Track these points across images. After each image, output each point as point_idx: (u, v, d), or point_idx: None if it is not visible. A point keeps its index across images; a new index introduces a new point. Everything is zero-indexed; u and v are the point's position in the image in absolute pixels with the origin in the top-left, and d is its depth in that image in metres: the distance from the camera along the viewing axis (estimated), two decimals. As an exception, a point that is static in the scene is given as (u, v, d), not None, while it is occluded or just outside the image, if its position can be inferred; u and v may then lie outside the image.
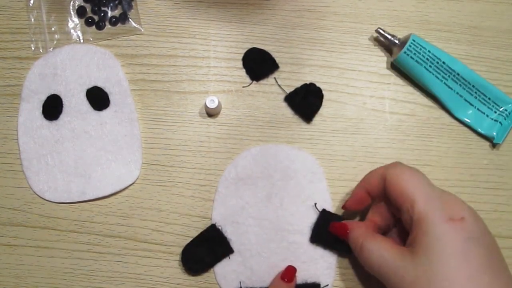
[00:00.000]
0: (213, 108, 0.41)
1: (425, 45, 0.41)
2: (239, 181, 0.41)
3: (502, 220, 0.41)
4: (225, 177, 0.41)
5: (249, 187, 0.41)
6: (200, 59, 0.44)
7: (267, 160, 0.41)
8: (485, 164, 0.42)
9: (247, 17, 0.45)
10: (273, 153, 0.41)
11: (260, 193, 0.40)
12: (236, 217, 0.40)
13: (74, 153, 0.41)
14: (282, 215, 0.40)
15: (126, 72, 0.43)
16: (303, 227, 0.40)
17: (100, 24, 0.44)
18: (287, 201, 0.40)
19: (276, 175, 0.41)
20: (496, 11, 0.45)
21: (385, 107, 0.43)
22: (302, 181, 0.41)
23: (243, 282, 0.39)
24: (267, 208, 0.40)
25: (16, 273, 0.40)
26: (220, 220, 0.40)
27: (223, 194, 0.41)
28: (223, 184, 0.41)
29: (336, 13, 0.45)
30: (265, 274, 0.39)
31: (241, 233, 0.40)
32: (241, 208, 0.40)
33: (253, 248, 0.39)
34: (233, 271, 0.39)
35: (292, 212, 0.40)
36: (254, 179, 0.41)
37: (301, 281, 0.39)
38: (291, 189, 0.40)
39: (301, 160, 0.41)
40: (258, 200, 0.40)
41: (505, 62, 0.44)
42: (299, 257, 0.39)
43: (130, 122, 0.42)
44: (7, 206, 0.41)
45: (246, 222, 0.40)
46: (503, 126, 0.42)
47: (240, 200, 0.40)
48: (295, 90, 0.43)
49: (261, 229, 0.40)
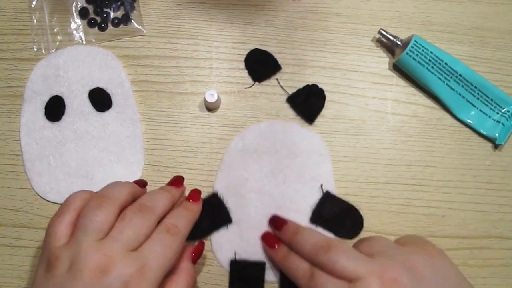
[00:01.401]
0: (213, 103, 0.41)
1: (427, 46, 0.41)
2: (245, 153, 0.41)
3: (504, 221, 0.41)
4: (231, 148, 0.41)
5: (255, 161, 0.41)
6: (202, 60, 0.44)
7: (275, 136, 0.41)
8: (487, 165, 0.42)
9: (249, 18, 0.45)
10: (282, 130, 0.42)
11: (265, 167, 0.41)
12: (239, 188, 0.40)
13: (77, 154, 0.41)
14: (285, 191, 0.40)
15: (128, 73, 0.43)
16: (305, 207, 0.40)
17: (103, 25, 0.44)
18: (291, 179, 0.40)
19: (283, 152, 0.41)
20: (498, 12, 0.45)
21: (387, 108, 0.43)
22: (308, 160, 0.41)
23: (238, 253, 0.39)
24: (270, 183, 0.40)
25: (19, 274, 0.40)
26: (223, 190, 0.40)
27: (228, 164, 0.41)
28: (229, 154, 0.41)
29: (339, 14, 0.45)
30: (261, 247, 0.39)
31: (242, 205, 0.40)
32: (244, 180, 0.40)
33: (251, 221, 0.39)
34: (230, 241, 0.39)
35: (295, 190, 0.40)
36: (260, 153, 0.41)
37: None
38: (296, 167, 0.41)
39: (309, 140, 0.42)
40: (262, 174, 0.41)
41: (507, 63, 0.44)
42: None
43: (132, 123, 0.42)
44: (10, 207, 0.41)
45: (248, 195, 0.40)
46: (505, 127, 0.42)
47: (244, 172, 0.41)
48: (297, 91, 0.43)
49: (262, 203, 0.40)
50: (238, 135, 0.42)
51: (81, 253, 0.29)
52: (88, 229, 0.30)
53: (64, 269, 0.29)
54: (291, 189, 0.40)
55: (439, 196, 0.41)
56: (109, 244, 0.30)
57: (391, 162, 0.42)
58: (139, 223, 0.31)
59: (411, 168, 0.42)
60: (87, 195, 0.33)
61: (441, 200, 0.41)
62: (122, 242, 0.30)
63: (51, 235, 0.31)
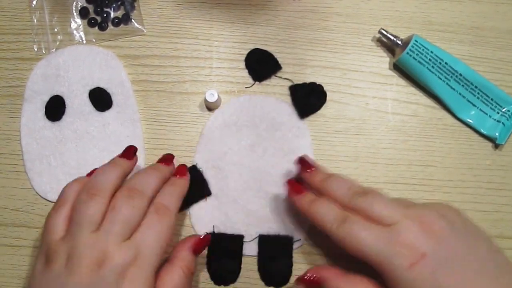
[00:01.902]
0: (213, 102, 0.41)
1: (428, 45, 0.41)
2: (225, 127, 0.41)
3: (504, 220, 0.41)
4: (211, 122, 0.42)
5: (234, 134, 0.41)
6: (203, 59, 0.44)
7: (254, 110, 0.42)
8: (488, 164, 0.42)
9: (249, 18, 0.45)
10: (261, 104, 0.42)
11: (244, 141, 0.41)
12: (218, 161, 0.40)
13: (77, 154, 0.41)
14: (263, 165, 0.40)
15: (129, 73, 0.43)
16: (284, 180, 0.39)
17: (103, 25, 0.44)
18: (270, 152, 0.41)
19: (262, 125, 0.41)
20: (498, 12, 0.45)
21: (388, 107, 0.43)
22: (287, 134, 0.41)
23: (216, 227, 0.39)
24: (249, 157, 0.41)
25: (19, 274, 0.40)
26: (202, 163, 0.41)
27: (207, 138, 0.41)
28: (208, 128, 0.41)
29: (339, 14, 0.45)
30: (239, 221, 0.39)
31: (221, 178, 0.40)
32: (223, 153, 0.41)
33: (230, 194, 0.40)
34: (208, 214, 0.40)
35: (273, 163, 0.40)
36: (239, 126, 0.41)
37: (274, 232, 0.39)
38: (275, 141, 0.41)
39: (288, 114, 0.42)
40: (241, 148, 0.41)
41: (508, 63, 0.44)
42: (275, 209, 0.40)
43: (133, 123, 0.42)
44: (10, 207, 0.41)
45: (227, 167, 0.40)
46: (506, 127, 0.42)
47: (223, 146, 0.41)
48: (302, 84, 0.43)
49: (241, 176, 0.40)
50: (218, 109, 0.42)
51: (77, 248, 0.30)
52: (82, 223, 0.31)
53: (62, 263, 0.30)
54: (270, 162, 0.41)
55: (439, 195, 0.41)
56: (103, 237, 0.30)
57: (391, 162, 0.42)
58: (130, 212, 0.32)
59: (412, 168, 0.42)
60: (81, 186, 0.33)
61: (441, 199, 0.41)
62: (115, 234, 0.31)
63: (49, 228, 0.32)
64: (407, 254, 0.30)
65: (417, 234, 0.30)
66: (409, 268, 0.29)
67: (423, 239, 0.30)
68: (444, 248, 0.30)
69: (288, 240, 0.39)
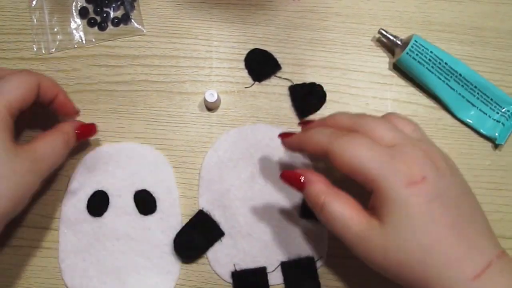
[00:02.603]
0: (213, 102, 0.41)
1: (428, 46, 0.41)
2: (221, 164, 0.41)
3: (505, 221, 0.41)
4: (207, 162, 0.41)
5: (232, 170, 0.41)
6: (202, 59, 0.44)
7: (246, 141, 0.41)
8: (488, 165, 0.42)
9: (249, 18, 0.45)
10: (251, 133, 0.42)
11: (243, 174, 0.40)
12: (223, 200, 0.40)
13: (113, 254, 0.39)
14: (268, 193, 0.40)
15: (129, 73, 0.43)
16: (292, 203, 0.39)
17: (103, 25, 0.44)
18: (272, 179, 0.40)
19: (257, 154, 0.41)
20: (498, 12, 0.45)
21: (387, 107, 0.43)
22: (284, 157, 0.41)
23: (237, 265, 0.39)
24: (252, 189, 0.40)
25: (19, 274, 0.40)
26: (207, 205, 0.40)
27: (207, 179, 0.40)
28: (205, 170, 0.41)
29: (338, 14, 0.45)
30: (258, 254, 0.39)
31: (229, 216, 0.39)
32: (226, 191, 0.40)
33: (243, 230, 0.39)
34: (226, 255, 0.39)
35: (277, 189, 0.40)
36: (235, 160, 0.41)
37: (295, 256, 0.39)
38: (274, 166, 0.41)
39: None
40: (242, 182, 0.40)
41: (508, 63, 0.44)
42: (290, 234, 0.39)
43: (174, 232, 0.39)
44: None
45: (233, 204, 0.40)
46: (506, 127, 0.42)
47: (224, 183, 0.40)
48: (302, 84, 0.43)
49: (249, 210, 0.40)
50: (211, 148, 0.41)
51: None
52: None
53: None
54: (274, 189, 0.40)
55: (439, 196, 0.41)
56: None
57: (391, 162, 0.42)
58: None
59: (411, 168, 0.42)
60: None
61: (441, 200, 0.41)
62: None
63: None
64: (408, 172, 0.28)
65: (421, 159, 0.29)
66: (406, 187, 0.28)
67: (427, 165, 0.29)
68: (443, 183, 0.29)
69: (310, 261, 0.38)
